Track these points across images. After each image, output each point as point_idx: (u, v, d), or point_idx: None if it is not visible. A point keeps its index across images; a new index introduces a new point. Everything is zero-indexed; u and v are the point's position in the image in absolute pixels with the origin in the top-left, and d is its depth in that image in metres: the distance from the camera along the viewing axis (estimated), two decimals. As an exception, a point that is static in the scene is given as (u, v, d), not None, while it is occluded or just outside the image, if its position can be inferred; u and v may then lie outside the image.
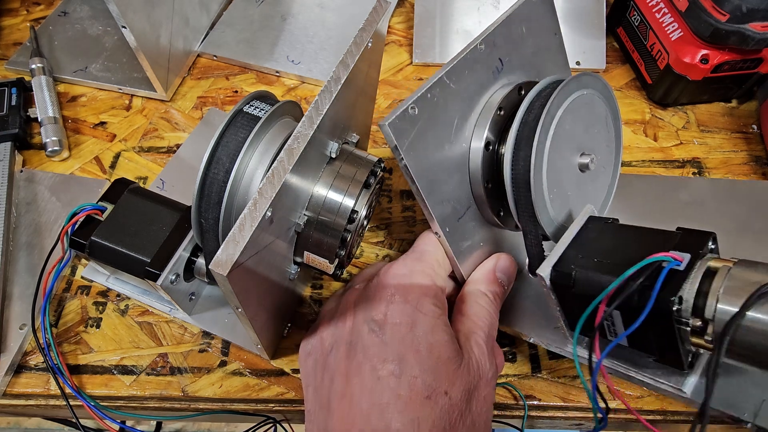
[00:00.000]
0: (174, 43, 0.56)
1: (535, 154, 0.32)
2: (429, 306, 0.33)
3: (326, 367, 0.33)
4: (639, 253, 0.28)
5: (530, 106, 0.34)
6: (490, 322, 0.35)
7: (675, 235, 0.30)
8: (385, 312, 0.32)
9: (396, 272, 0.34)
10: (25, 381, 0.41)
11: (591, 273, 0.29)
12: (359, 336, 0.32)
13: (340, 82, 0.32)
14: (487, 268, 0.38)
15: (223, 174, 0.32)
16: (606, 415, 0.30)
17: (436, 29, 0.62)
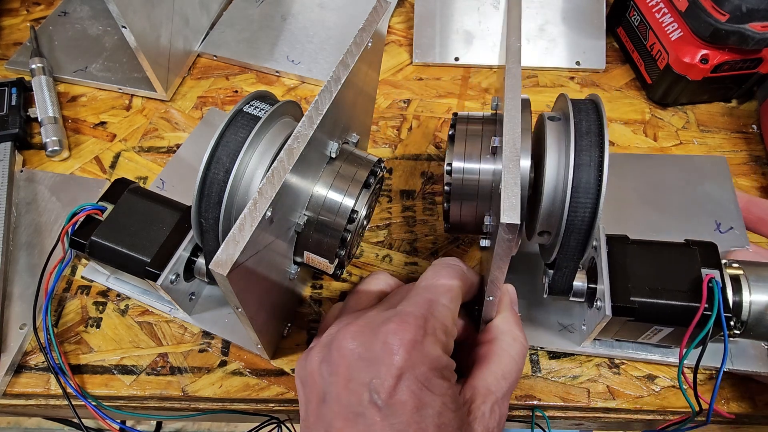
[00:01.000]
0: (174, 43, 0.56)
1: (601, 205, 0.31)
2: (439, 383, 0.29)
3: (320, 416, 0.30)
4: (678, 272, 0.34)
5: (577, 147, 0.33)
6: (516, 378, 0.33)
7: (693, 249, 0.35)
8: (391, 385, 0.28)
9: (404, 337, 0.29)
10: (25, 381, 0.41)
11: (650, 302, 0.33)
12: (359, 402, 0.28)
13: (340, 82, 0.32)
14: (508, 305, 0.35)
15: (223, 174, 0.32)
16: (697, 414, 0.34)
17: (436, 29, 0.62)
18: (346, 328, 0.31)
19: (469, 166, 0.35)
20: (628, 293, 0.33)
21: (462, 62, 0.59)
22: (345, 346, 0.30)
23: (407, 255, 0.47)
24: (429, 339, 0.30)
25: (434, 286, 0.33)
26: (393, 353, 0.29)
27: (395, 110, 0.56)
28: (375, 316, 0.31)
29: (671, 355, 0.40)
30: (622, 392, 0.40)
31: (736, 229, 0.43)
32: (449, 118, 0.55)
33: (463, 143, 0.36)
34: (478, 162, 0.35)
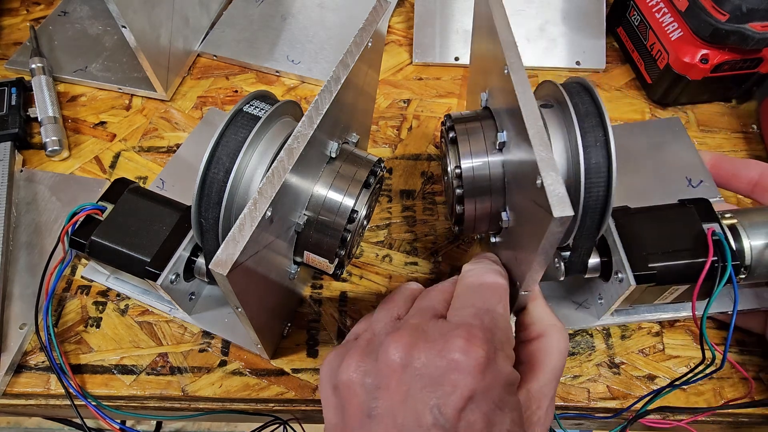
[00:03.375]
0: (174, 42, 0.56)
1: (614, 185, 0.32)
2: (510, 400, 0.27)
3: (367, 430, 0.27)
4: (683, 232, 0.35)
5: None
6: (560, 373, 0.31)
7: (689, 208, 0.36)
8: (459, 407, 0.25)
9: (477, 355, 0.26)
10: (25, 381, 0.41)
11: (667, 265, 0.34)
12: (419, 422, 0.26)
13: (340, 82, 0.32)
14: (539, 293, 0.34)
15: (223, 174, 0.32)
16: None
17: (436, 29, 0.62)
18: (396, 338, 0.28)
19: (479, 163, 0.34)
20: (645, 260, 0.34)
21: (462, 62, 0.59)
22: (396, 360, 0.27)
23: (407, 255, 0.47)
24: (500, 356, 0.27)
25: (485, 289, 0.31)
26: (465, 373, 0.26)
27: (395, 110, 0.56)
28: (427, 326, 0.28)
29: (683, 310, 0.41)
30: (622, 392, 0.40)
31: (706, 181, 0.45)
32: (449, 118, 0.55)
33: (467, 142, 0.35)
34: (486, 158, 0.34)
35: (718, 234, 0.34)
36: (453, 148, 0.35)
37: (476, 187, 0.34)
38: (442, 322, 0.29)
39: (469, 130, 0.35)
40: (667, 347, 0.42)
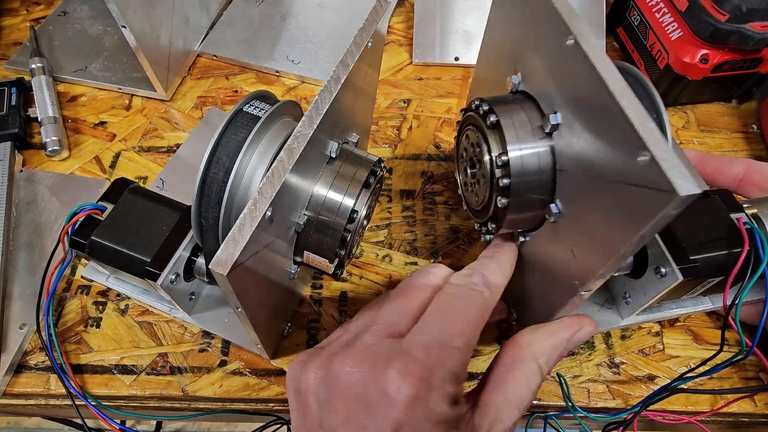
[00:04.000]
0: (174, 42, 0.56)
1: None
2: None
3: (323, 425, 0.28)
4: (714, 222, 0.35)
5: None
6: (527, 405, 0.30)
7: (714, 198, 0.35)
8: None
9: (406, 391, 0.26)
10: (25, 381, 0.41)
11: (707, 256, 0.33)
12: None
13: (340, 82, 0.32)
14: (561, 337, 0.31)
15: (223, 174, 0.32)
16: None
17: (436, 29, 0.62)
18: (347, 353, 0.28)
19: (528, 150, 0.30)
20: (686, 253, 0.33)
21: (462, 62, 0.59)
22: (343, 378, 0.27)
23: (407, 255, 0.47)
24: (434, 394, 0.26)
25: (452, 316, 0.29)
26: (391, 405, 0.26)
27: (395, 110, 0.56)
28: (379, 345, 0.28)
29: (701, 304, 0.40)
30: (622, 392, 0.40)
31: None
32: (449, 118, 0.55)
33: (512, 127, 0.30)
34: (534, 143, 0.30)
35: (749, 223, 0.34)
36: (494, 134, 0.31)
37: (525, 176, 0.30)
38: (394, 345, 0.28)
39: (512, 112, 0.31)
40: (667, 347, 0.42)
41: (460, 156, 0.36)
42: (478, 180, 0.33)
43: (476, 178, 0.33)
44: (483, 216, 0.34)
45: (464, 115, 0.35)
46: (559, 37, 0.27)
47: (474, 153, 0.33)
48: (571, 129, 0.28)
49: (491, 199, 0.32)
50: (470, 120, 0.34)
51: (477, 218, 0.35)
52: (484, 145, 0.31)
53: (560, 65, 0.28)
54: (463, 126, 0.35)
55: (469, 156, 0.34)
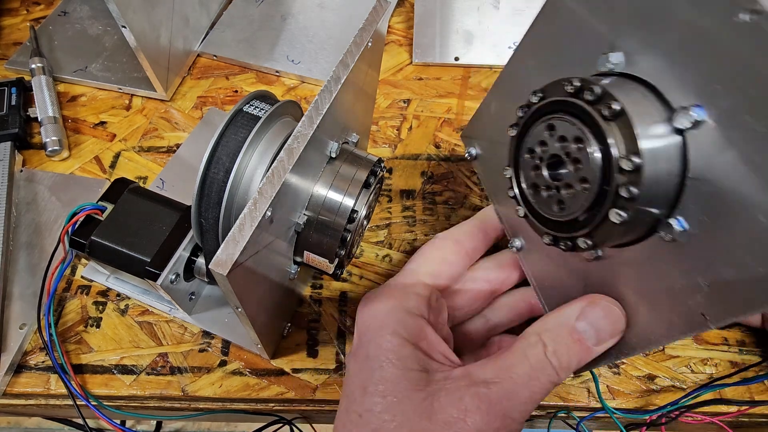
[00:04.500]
0: (174, 42, 0.56)
1: None
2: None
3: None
4: None
5: None
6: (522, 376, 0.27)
7: None
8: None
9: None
10: (25, 381, 0.41)
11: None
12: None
13: (340, 82, 0.32)
14: (566, 313, 0.28)
15: (223, 174, 0.32)
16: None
17: (436, 29, 0.62)
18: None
19: (661, 153, 0.23)
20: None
21: (462, 62, 0.59)
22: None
23: (407, 255, 0.47)
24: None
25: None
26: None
27: (395, 110, 0.56)
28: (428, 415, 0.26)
29: None
30: (622, 392, 0.40)
31: None
32: (449, 118, 0.55)
33: (643, 121, 0.23)
34: (667, 145, 0.24)
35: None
36: (616, 127, 0.24)
37: (655, 185, 0.24)
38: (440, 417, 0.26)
39: (637, 100, 0.24)
40: (667, 347, 0.42)
41: (528, 151, 0.29)
42: (570, 184, 0.26)
43: (564, 181, 0.27)
44: (570, 230, 0.27)
45: (541, 99, 0.28)
46: (721, 10, 0.21)
47: (566, 149, 0.26)
48: (721, 128, 0.22)
49: (595, 211, 0.25)
50: (561, 106, 0.26)
51: (552, 230, 0.28)
52: (592, 141, 0.25)
53: (717, 45, 0.22)
54: (539, 113, 0.28)
55: (552, 152, 0.27)
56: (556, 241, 0.28)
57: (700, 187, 0.23)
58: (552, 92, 0.27)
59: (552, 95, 0.27)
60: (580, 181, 0.26)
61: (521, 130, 0.30)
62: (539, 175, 0.29)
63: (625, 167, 0.23)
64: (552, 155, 0.27)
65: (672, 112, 0.23)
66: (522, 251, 0.35)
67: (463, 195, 0.50)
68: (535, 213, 0.29)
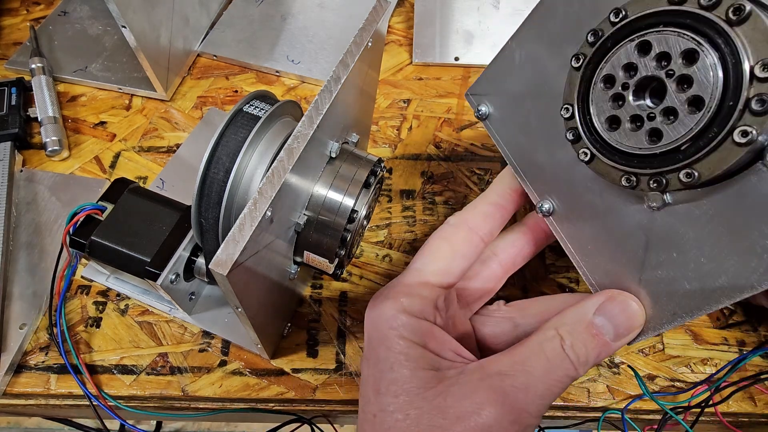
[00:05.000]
0: (174, 42, 0.56)
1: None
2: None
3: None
4: None
5: None
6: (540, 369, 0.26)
7: None
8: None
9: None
10: (25, 381, 0.41)
11: None
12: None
13: (340, 82, 0.32)
14: (584, 307, 0.27)
15: (223, 174, 0.32)
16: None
17: (436, 29, 0.62)
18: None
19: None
20: None
21: (462, 62, 0.59)
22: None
23: (407, 255, 0.47)
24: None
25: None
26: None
27: (395, 110, 0.56)
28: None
29: None
30: (622, 392, 0.40)
31: None
32: (449, 118, 0.55)
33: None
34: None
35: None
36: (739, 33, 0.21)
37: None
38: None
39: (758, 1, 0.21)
40: (667, 347, 0.42)
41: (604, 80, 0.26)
42: (671, 109, 0.23)
43: (660, 107, 0.24)
44: (665, 163, 0.24)
45: (624, 17, 0.25)
46: None
47: (668, 69, 0.23)
48: None
49: (709, 134, 0.22)
50: (662, 18, 0.23)
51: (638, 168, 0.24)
52: (710, 52, 0.22)
53: None
54: (623, 33, 0.25)
55: (643, 75, 0.24)
56: (639, 181, 0.24)
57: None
58: (640, 7, 0.24)
59: (641, 10, 0.24)
60: (689, 102, 0.22)
61: (593, 58, 0.26)
62: (621, 106, 0.25)
63: (761, 75, 0.20)
64: (641, 80, 0.24)
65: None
66: (554, 214, 0.31)
67: (463, 195, 0.50)
68: (611, 151, 0.25)
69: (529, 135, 0.31)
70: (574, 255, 0.30)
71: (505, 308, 0.34)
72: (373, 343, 0.30)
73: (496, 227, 0.33)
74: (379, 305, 0.30)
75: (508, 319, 0.34)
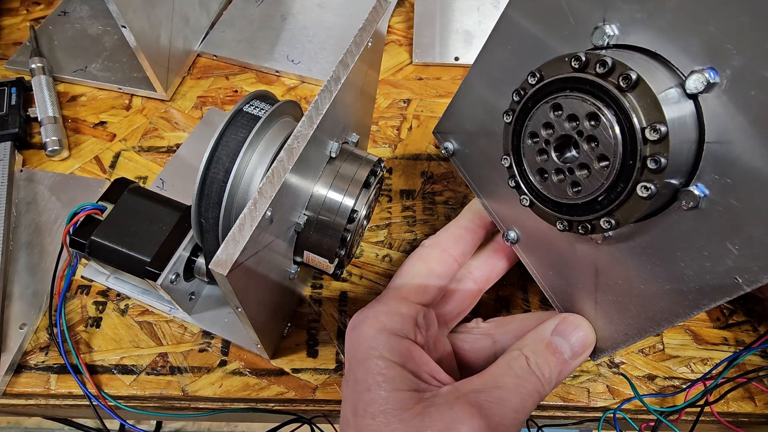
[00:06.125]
0: (174, 42, 0.56)
1: None
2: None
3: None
4: None
5: None
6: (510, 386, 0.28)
7: None
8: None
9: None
10: (25, 381, 0.41)
11: None
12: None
13: (340, 82, 0.32)
14: (543, 330, 0.30)
15: (223, 173, 0.32)
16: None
17: (436, 29, 0.62)
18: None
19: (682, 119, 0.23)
20: None
21: (462, 62, 0.59)
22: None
23: (407, 255, 0.47)
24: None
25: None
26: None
27: (395, 110, 0.56)
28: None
29: None
30: (622, 392, 0.40)
31: None
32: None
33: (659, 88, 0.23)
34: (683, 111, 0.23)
35: None
36: (631, 98, 0.23)
37: (679, 153, 0.23)
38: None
39: (649, 69, 0.23)
40: (667, 347, 0.42)
41: (530, 136, 0.28)
42: (584, 164, 0.25)
43: (577, 162, 0.26)
44: (587, 212, 0.26)
45: (540, 80, 0.27)
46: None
47: (578, 128, 0.25)
48: (738, 85, 0.22)
49: (617, 188, 0.24)
50: (567, 84, 0.25)
51: (566, 215, 0.27)
52: (608, 115, 0.24)
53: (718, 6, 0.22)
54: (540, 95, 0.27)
55: (560, 133, 0.26)
56: (571, 225, 0.27)
57: (718, 151, 0.23)
58: (552, 71, 0.26)
59: (553, 74, 0.26)
60: (598, 159, 0.25)
61: (519, 115, 0.28)
62: (547, 160, 0.27)
63: (651, 137, 0.22)
64: (560, 137, 0.26)
65: (680, 78, 0.23)
66: (519, 243, 0.34)
67: (463, 195, 0.50)
68: (544, 200, 0.28)
69: (489, 171, 0.33)
70: (539, 279, 0.33)
71: (483, 325, 0.36)
72: (352, 363, 0.30)
73: (469, 249, 0.35)
74: (359, 325, 0.30)
75: (486, 335, 0.35)
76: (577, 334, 0.29)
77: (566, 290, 0.30)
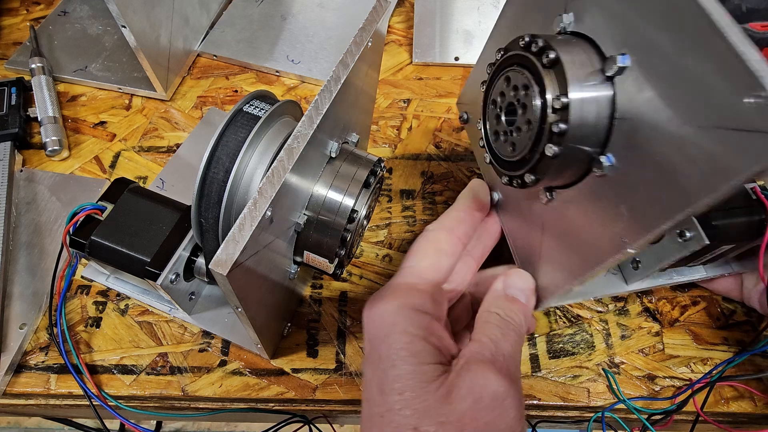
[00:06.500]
0: (174, 42, 0.56)
1: None
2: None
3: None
4: None
5: None
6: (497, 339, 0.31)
7: None
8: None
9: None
10: (25, 381, 0.41)
11: (727, 223, 0.34)
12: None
13: (340, 82, 0.32)
14: (496, 288, 0.34)
15: (223, 173, 0.32)
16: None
17: (436, 29, 0.62)
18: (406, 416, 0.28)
19: (589, 94, 0.27)
20: (707, 218, 0.34)
21: (462, 62, 0.59)
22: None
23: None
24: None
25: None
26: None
27: (395, 110, 0.56)
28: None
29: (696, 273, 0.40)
30: (622, 392, 0.40)
31: None
32: (449, 118, 0.55)
33: (574, 67, 0.27)
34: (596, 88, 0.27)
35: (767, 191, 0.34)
36: (551, 73, 0.28)
37: (582, 124, 0.27)
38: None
39: (572, 51, 0.28)
40: (666, 347, 0.42)
41: (492, 103, 0.33)
42: (519, 127, 0.30)
43: (515, 125, 0.30)
44: (518, 168, 0.31)
45: (503, 55, 0.31)
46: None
47: (517, 96, 0.30)
48: (642, 71, 0.25)
49: (536, 148, 0.29)
50: (514, 59, 0.30)
51: (507, 170, 0.32)
52: (534, 87, 0.28)
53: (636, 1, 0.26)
54: (500, 68, 0.32)
55: (508, 101, 0.31)
56: (510, 180, 0.32)
57: (623, 125, 0.27)
58: (511, 48, 0.31)
59: (510, 51, 0.31)
60: (527, 123, 0.29)
61: (488, 85, 0.33)
62: (499, 122, 0.32)
63: (556, 106, 0.27)
64: (509, 103, 0.31)
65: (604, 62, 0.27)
66: (498, 206, 0.38)
67: (463, 195, 0.50)
68: (496, 157, 0.33)
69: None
70: (509, 240, 0.37)
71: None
72: (373, 342, 0.30)
73: (470, 229, 0.37)
74: (379, 303, 0.31)
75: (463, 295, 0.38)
76: (523, 282, 0.34)
77: (524, 247, 0.35)
